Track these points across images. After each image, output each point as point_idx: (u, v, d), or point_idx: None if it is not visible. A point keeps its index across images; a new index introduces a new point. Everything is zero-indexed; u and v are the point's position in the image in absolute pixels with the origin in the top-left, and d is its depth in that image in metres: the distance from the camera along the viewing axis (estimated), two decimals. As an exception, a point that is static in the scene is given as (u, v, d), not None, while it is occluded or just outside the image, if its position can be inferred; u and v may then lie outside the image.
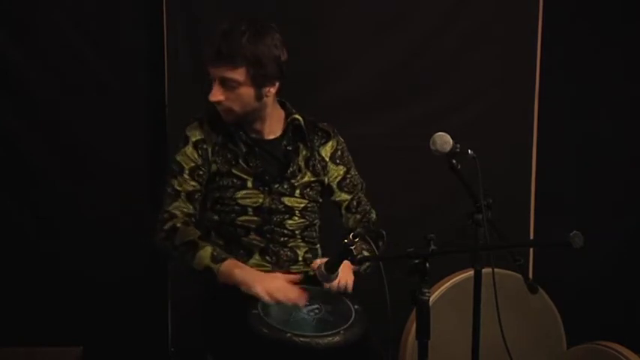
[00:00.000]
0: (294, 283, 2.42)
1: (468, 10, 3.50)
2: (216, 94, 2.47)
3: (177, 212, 2.51)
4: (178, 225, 2.48)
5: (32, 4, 3.27)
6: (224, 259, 2.41)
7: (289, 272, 2.58)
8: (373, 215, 2.74)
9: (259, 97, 2.49)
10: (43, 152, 3.35)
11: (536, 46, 3.55)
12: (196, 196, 2.55)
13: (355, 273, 2.51)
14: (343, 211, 2.70)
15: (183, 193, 2.53)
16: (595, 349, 2.76)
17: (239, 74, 2.43)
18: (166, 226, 2.48)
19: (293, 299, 2.34)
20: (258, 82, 2.46)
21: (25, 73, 3.30)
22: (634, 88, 3.66)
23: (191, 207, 2.54)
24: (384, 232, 2.70)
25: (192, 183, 2.53)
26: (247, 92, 2.47)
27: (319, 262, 2.39)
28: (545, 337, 3.00)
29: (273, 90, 2.52)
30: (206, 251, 2.42)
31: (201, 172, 2.55)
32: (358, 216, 2.70)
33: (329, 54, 3.41)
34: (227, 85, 2.46)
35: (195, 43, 3.31)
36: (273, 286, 2.36)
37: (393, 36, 3.48)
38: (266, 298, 2.33)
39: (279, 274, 2.47)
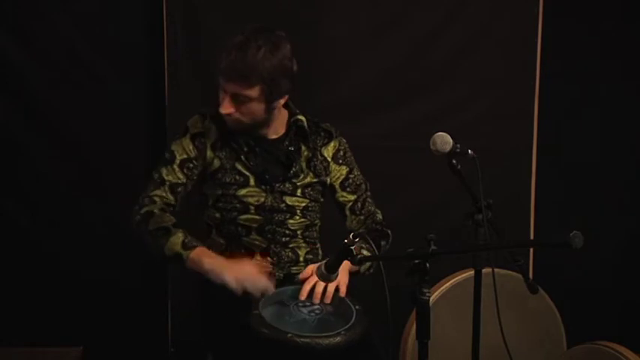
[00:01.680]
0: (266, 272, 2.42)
1: (468, 10, 3.50)
2: (228, 107, 2.46)
3: (157, 199, 2.51)
4: (155, 210, 2.47)
5: (32, 4, 3.27)
6: (194, 247, 2.40)
7: (289, 273, 2.60)
8: (379, 216, 2.73)
9: (269, 110, 2.50)
10: (43, 152, 3.35)
11: (536, 47, 3.55)
12: (179, 189, 2.54)
13: (356, 274, 2.51)
14: (347, 212, 2.69)
15: (167, 183, 2.52)
16: (595, 349, 2.76)
17: (253, 92, 2.43)
18: (143, 210, 2.47)
19: (262, 288, 2.33)
20: (271, 98, 2.47)
21: (25, 73, 3.29)
22: (634, 88, 3.66)
23: (172, 198, 2.53)
24: (389, 232, 2.69)
25: (179, 175, 2.53)
26: (258, 107, 2.47)
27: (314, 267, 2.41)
28: (545, 337, 3.00)
29: (282, 101, 2.53)
30: (177, 237, 2.41)
31: (191, 166, 2.54)
32: (362, 217, 2.69)
33: (329, 54, 3.41)
34: (238, 99, 2.45)
35: (195, 42, 3.31)
36: (242, 273, 2.35)
37: (393, 36, 3.48)
38: (234, 285, 2.31)
39: (247, 261, 2.46)
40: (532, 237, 3.65)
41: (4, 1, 3.24)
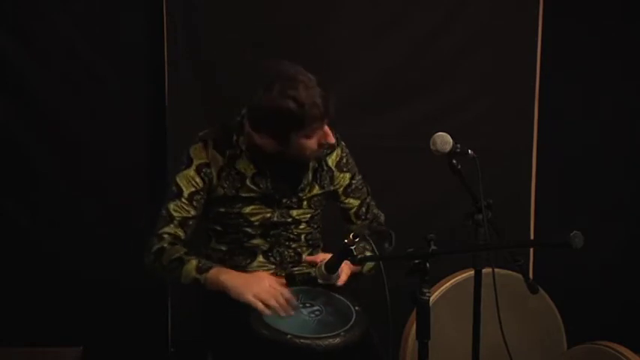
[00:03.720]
0: (284, 284, 2.40)
1: (468, 10, 3.50)
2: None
3: (166, 236, 2.49)
4: (165, 245, 2.47)
5: (32, 4, 3.26)
6: (209, 268, 2.41)
7: (291, 273, 2.58)
8: (382, 218, 2.74)
9: None
10: (43, 153, 3.34)
11: (536, 46, 3.55)
12: (190, 222, 2.52)
13: (358, 274, 2.51)
14: (352, 218, 2.69)
15: (177, 219, 2.49)
16: (595, 349, 2.76)
17: None
18: (154, 249, 2.47)
19: (284, 306, 2.32)
20: None
21: (25, 73, 3.29)
22: (634, 88, 3.66)
23: (181, 232, 2.50)
24: (392, 233, 2.68)
25: (189, 209, 2.50)
26: None
27: (312, 258, 2.39)
28: (545, 337, 3.00)
29: None
30: (191, 264, 2.41)
31: (199, 197, 2.51)
32: (367, 221, 2.69)
33: (329, 54, 3.41)
34: None
35: (195, 42, 3.31)
36: (263, 289, 2.34)
37: (393, 36, 3.47)
38: (258, 305, 2.30)
39: (264, 274, 2.45)
40: (532, 237, 3.65)
41: (4, 1, 3.24)
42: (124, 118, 3.39)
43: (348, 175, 2.67)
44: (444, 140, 2.23)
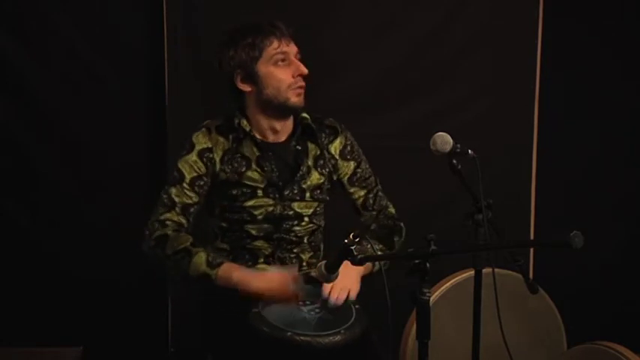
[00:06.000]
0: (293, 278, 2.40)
1: (468, 10, 3.50)
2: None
3: (169, 222, 2.48)
4: (169, 233, 2.45)
5: (32, 4, 3.26)
6: (220, 264, 2.40)
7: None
8: (391, 210, 2.73)
9: None
10: (43, 153, 3.34)
11: (536, 47, 3.55)
12: (192, 209, 2.51)
13: (369, 275, 2.51)
14: (360, 209, 2.69)
15: (178, 205, 2.49)
16: (595, 349, 2.76)
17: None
18: (155, 235, 2.45)
19: (289, 296, 2.33)
20: None
21: (25, 73, 3.29)
22: (634, 88, 3.66)
23: (184, 220, 2.50)
24: (401, 225, 2.68)
25: (191, 194, 2.50)
26: None
27: None
28: (545, 337, 3.00)
29: None
30: (200, 257, 2.40)
31: (202, 183, 2.51)
32: (374, 212, 2.69)
33: (329, 54, 3.41)
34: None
35: (195, 42, 3.31)
36: (270, 280, 2.36)
37: (393, 36, 3.47)
38: (265, 292, 2.32)
39: (274, 271, 2.45)
40: (532, 237, 3.65)
41: (4, 1, 3.24)
42: (124, 118, 3.39)
43: (352, 164, 2.67)
44: (444, 140, 2.23)
